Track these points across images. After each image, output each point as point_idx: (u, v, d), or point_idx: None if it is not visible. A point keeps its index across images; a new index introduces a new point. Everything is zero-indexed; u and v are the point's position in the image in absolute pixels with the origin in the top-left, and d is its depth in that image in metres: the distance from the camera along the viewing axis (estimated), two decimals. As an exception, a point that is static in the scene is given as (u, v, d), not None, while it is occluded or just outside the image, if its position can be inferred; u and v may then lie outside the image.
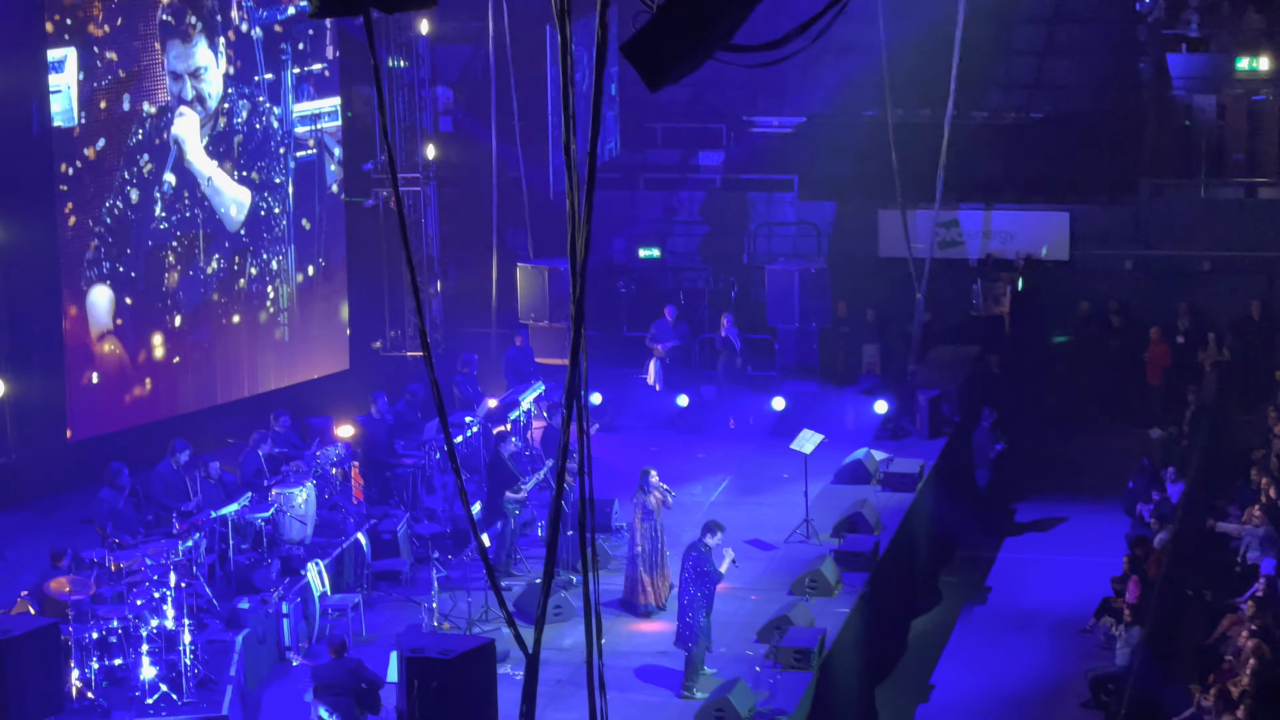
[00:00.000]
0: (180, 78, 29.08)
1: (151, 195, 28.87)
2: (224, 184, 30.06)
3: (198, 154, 29.56)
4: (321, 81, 31.55)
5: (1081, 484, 32.12)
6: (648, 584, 23.94)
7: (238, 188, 30.30)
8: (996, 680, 25.71)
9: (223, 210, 30.07)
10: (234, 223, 30.27)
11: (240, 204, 30.34)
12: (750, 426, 31.50)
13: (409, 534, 25.50)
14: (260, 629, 22.27)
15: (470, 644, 17.02)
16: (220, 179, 29.99)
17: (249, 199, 30.51)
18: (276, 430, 26.94)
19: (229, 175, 30.10)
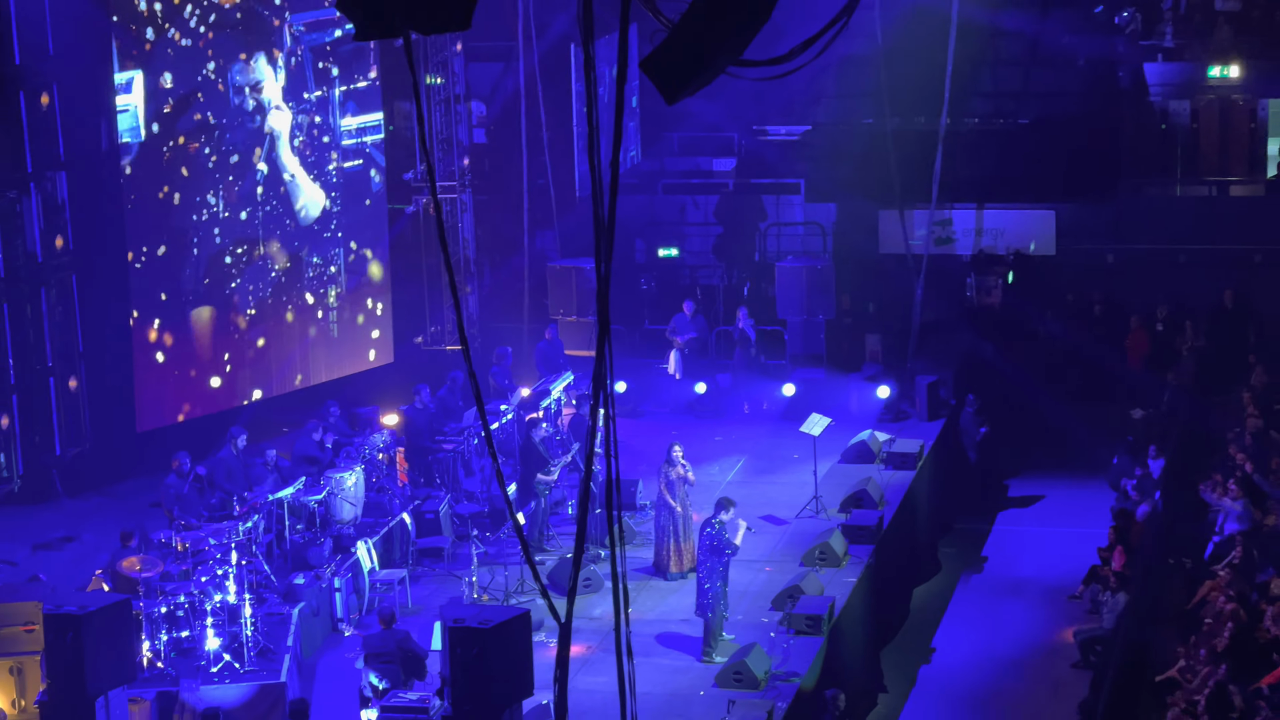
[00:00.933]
0: (241, 91, 29.10)
1: (214, 195, 28.88)
2: (305, 184, 30.14)
3: (287, 151, 29.66)
4: (365, 97, 31.54)
5: (1069, 461, 32.02)
6: (672, 552, 23.95)
7: (315, 189, 30.36)
8: (992, 643, 25.66)
9: (300, 208, 30.12)
10: (309, 219, 30.30)
11: (316, 204, 30.42)
12: (763, 411, 31.45)
13: (450, 514, 25.49)
14: (315, 602, 22.29)
15: (507, 614, 16.99)
16: (302, 178, 30.06)
17: (324, 200, 30.57)
18: (329, 419, 26.95)
19: (308, 176, 30.20)
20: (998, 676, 24.69)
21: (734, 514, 22.04)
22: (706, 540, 21.67)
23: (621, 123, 8.52)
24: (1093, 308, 34.85)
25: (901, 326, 33.29)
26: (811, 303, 32.80)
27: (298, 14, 29.95)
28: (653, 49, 8.29)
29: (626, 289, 34.42)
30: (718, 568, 21.57)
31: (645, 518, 26.07)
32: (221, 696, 19.90)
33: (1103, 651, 23.99)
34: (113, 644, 17.87)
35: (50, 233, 27.26)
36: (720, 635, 21.73)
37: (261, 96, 29.44)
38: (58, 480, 27.47)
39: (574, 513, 25.81)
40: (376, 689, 19.40)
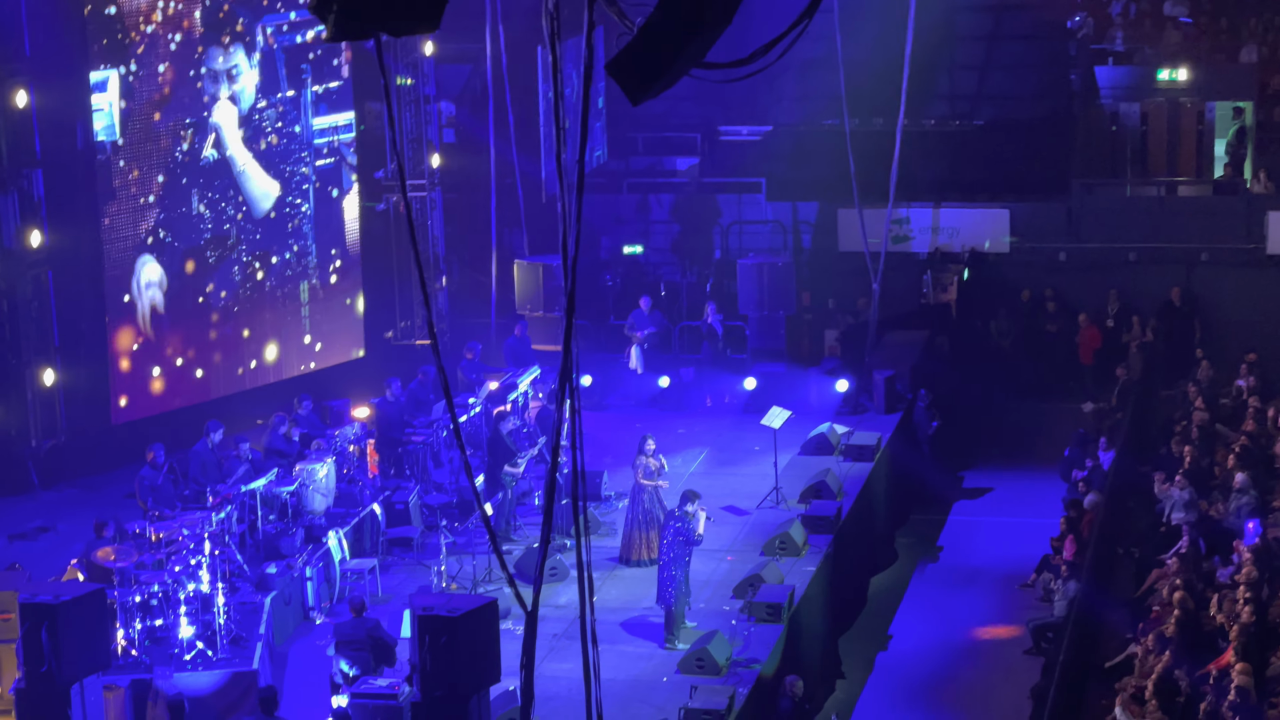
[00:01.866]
0: (217, 77, 29.03)
1: (189, 192, 28.80)
2: (256, 174, 30.01)
3: (235, 143, 29.51)
4: (337, 97, 31.45)
5: (1022, 453, 32.11)
6: (641, 540, 23.95)
7: (268, 180, 30.25)
8: (948, 630, 25.72)
9: (254, 199, 29.99)
10: (261, 212, 30.18)
11: (269, 195, 30.29)
12: (725, 404, 31.48)
13: (419, 504, 25.46)
14: (286, 591, 22.25)
15: (475, 603, 16.98)
16: (253, 169, 29.92)
17: (277, 191, 30.45)
18: (300, 412, 26.89)
19: (260, 168, 30.08)
20: (952, 663, 24.76)
21: (697, 505, 22.05)
22: (672, 531, 21.66)
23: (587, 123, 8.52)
24: (1045, 304, 34.96)
25: (859, 322, 33.37)
26: (772, 299, 32.85)
27: (270, 15, 29.83)
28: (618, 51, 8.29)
29: (592, 285, 34.42)
30: (682, 558, 21.57)
31: (610, 508, 26.07)
32: (195, 684, 19.85)
33: (1054, 638, 24.07)
34: (87, 632, 17.81)
35: (27, 229, 27.15)
36: (682, 623, 21.74)
37: (235, 86, 29.33)
38: (33, 472, 27.36)
39: (540, 503, 25.80)
40: (347, 676, 19.37)
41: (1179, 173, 36.50)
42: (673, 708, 19.56)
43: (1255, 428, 28.74)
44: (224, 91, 29.27)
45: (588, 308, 33.56)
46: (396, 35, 8.08)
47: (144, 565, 20.95)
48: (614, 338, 33.53)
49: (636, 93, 8.30)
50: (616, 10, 8.72)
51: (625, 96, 8.35)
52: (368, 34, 8.02)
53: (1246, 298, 33.90)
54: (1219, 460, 28.05)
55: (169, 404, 28.81)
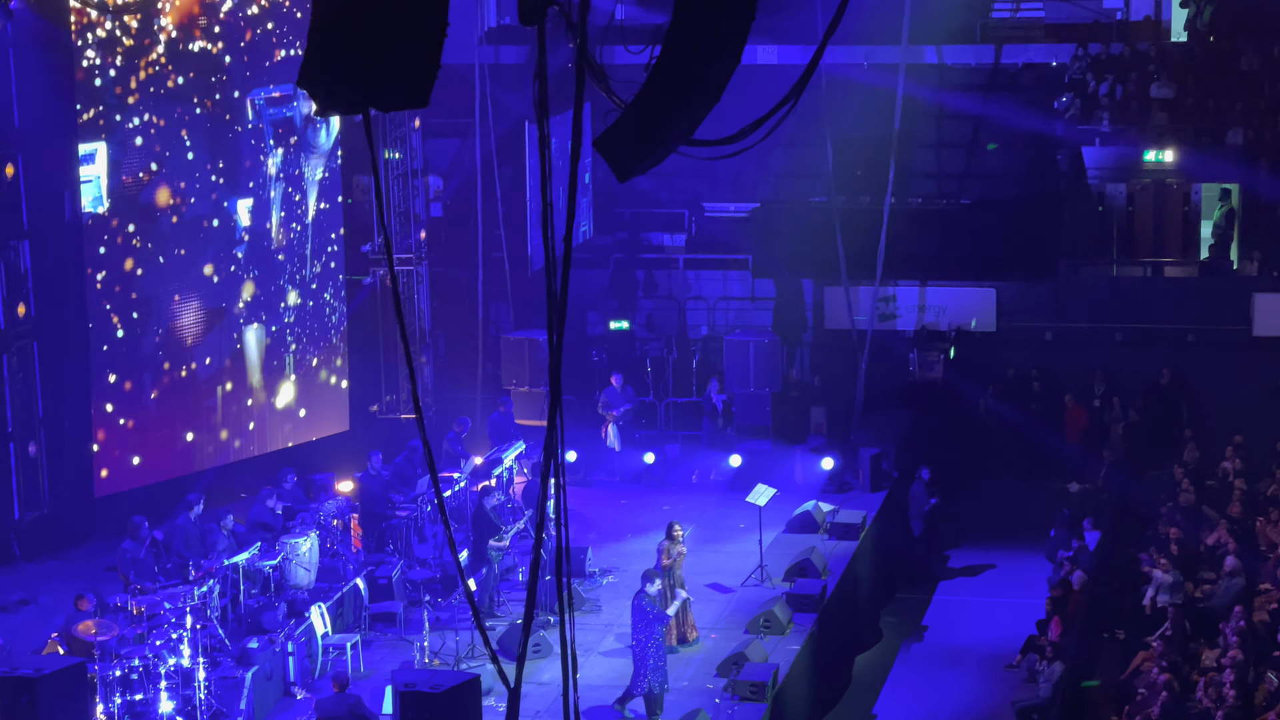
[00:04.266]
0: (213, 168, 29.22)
1: (178, 268, 28.85)
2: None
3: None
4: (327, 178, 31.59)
5: (1007, 533, 32.07)
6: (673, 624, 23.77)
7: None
8: (932, 711, 25.62)
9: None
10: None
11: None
12: (710, 481, 31.47)
13: (403, 579, 25.39)
14: (268, 666, 22.12)
15: (458, 679, 16.93)
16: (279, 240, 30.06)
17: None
18: (284, 486, 26.84)
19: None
20: (938, 744, 24.67)
21: (659, 585, 21.99)
22: (638, 613, 21.51)
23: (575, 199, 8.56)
24: (1032, 384, 35.01)
25: (845, 400, 33.40)
26: (758, 376, 32.91)
27: (257, 89, 29.97)
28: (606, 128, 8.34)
29: (579, 360, 34.45)
30: (651, 639, 21.40)
31: (594, 584, 26.02)
32: (174, 758, 19.73)
33: (1040, 719, 23.99)
34: (67, 707, 17.73)
35: (13, 300, 27.16)
36: (662, 705, 21.54)
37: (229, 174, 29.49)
38: (15, 544, 27.25)
39: (524, 579, 25.73)
40: (328, 752, 19.27)
41: (1165, 254, 36.63)
42: (656, 787, 19.47)
43: (1241, 510, 28.75)
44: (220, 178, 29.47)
45: (574, 383, 33.56)
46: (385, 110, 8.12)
47: (125, 639, 20.86)
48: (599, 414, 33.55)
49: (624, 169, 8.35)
50: (605, 87, 8.77)
51: (612, 173, 8.41)
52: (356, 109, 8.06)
53: (1233, 379, 33.95)
54: (1205, 542, 28.04)
55: (152, 476, 28.73)
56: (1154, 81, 36.12)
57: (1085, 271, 36.13)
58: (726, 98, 8.60)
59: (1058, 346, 35.15)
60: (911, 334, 35.59)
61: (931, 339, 35.39)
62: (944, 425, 33.93)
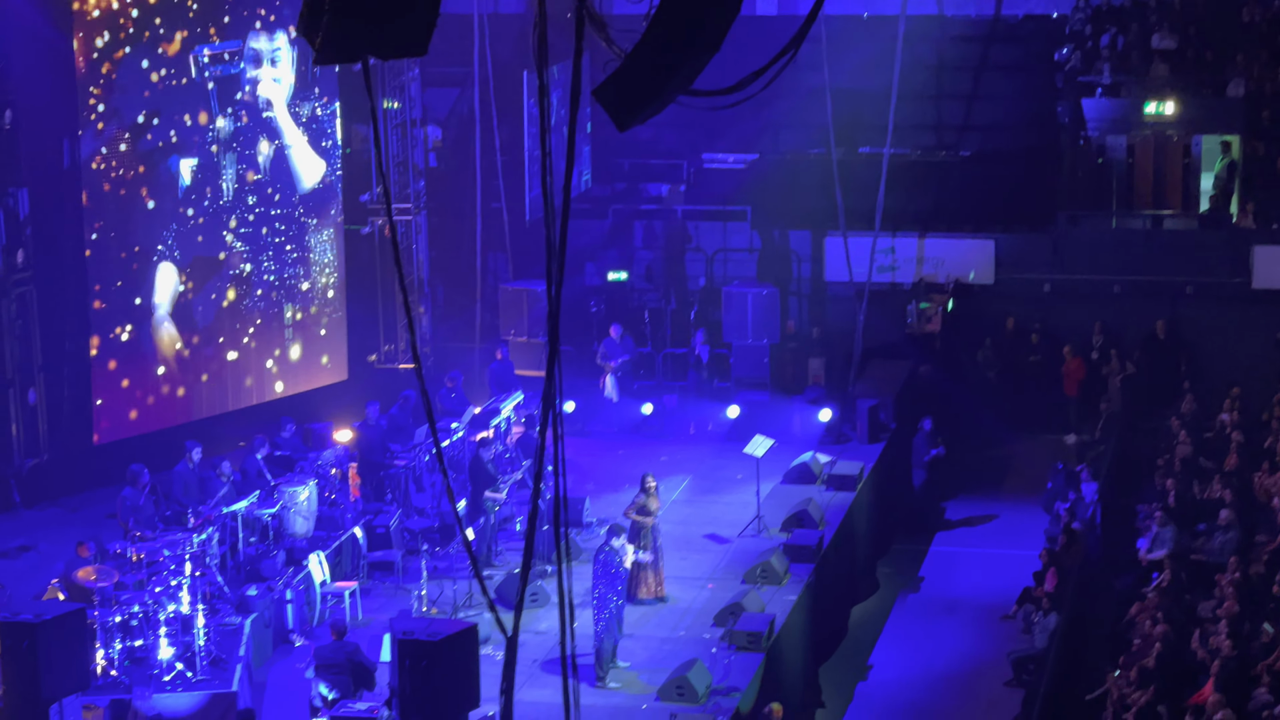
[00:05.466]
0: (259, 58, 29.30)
1: (177, 214, 28.82)
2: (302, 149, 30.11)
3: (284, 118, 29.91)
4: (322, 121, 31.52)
5: (1005, 485, 32.17)
6: (650, 579, 23.82)
7: (314, 157, 30.35)
8: (928, 661, 25.73)
9: (298, 175, 30.10)
10: (305, 188, 30.29)
11: (315, 172, 30.41)
12: (708, 432, 31.50)
13: (401, 528, 25.45)
14: (267, 614, 22.22)
15: (455, 627, 16.99)
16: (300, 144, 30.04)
17: (323, 168, 30.53)
18: (282, 435, 26.87)
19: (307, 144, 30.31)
20: (933, 693, 24.76)
21: (624, 539, 22.01)
22: (600, 566, 21.52)
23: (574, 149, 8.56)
24: (1030, 336, 35.02)
25: (844, 351, 33.40)
26: (756, 327, 32.92)
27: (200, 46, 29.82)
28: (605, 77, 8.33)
29: (576, 311, 34.43)
30: (610, 594, 21.41)
31: (591, 534, 26.06)
32: (174, 705, 19.81)
33: (1035, 670, 24.09)
34: (67, 652, 17.80)
35: (11, 248, 27.15)
36: (613, 661, 21.56)
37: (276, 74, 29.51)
38: (15, 491, 27.32)
39: (522, 529, 25.80)
40: (326, 699, 19.35)
41: (1165, 206, 36.58)
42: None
43: (1238, 462, 28.80)
44: (266, 72, 29.51)
45: (572, 334, 33.54)
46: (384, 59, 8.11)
47: (124, 586, 20.93)
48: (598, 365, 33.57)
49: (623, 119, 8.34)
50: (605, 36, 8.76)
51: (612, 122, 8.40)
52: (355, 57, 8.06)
53: (1231, 332, 33.96)
54: (1201, 494, 28.10)
55: (151, 424, 28.78)
56: (1155, 33, 36.02)
57: (1084, 223, 36.09)
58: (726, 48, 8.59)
59: (1056, 298, 35.14)
60: (910, 286, 35.57)
61: (930, 291, 35.37)
62: (942, 377, 33.95)
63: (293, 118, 30.63)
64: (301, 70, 30.68)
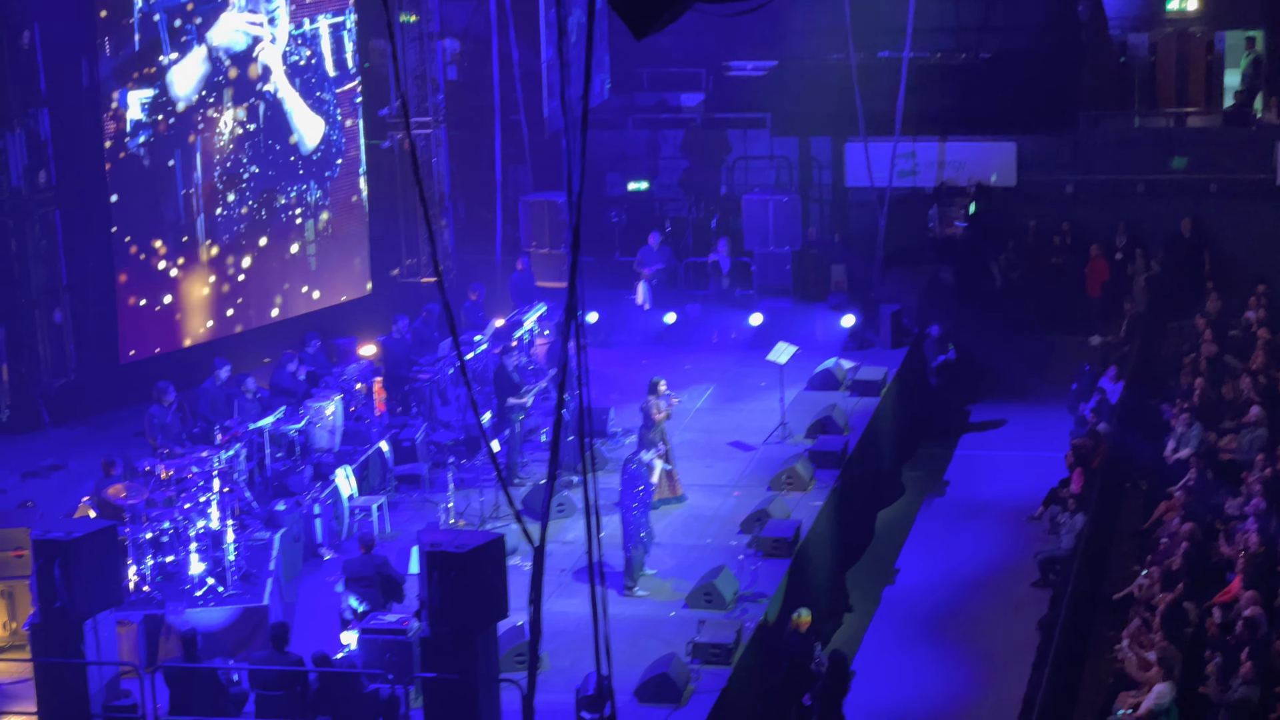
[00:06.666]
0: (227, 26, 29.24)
1: (199, 132, 28.80)
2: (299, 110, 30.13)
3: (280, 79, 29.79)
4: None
5: (1029, 387, 32.15)
6: (673, 477, 23.95)
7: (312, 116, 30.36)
8: (954, 564, 25.82)
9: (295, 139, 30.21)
10: (306, 149, 30.40)
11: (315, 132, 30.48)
12: (731, 340, 31.51)
13: (427, 441, 25.54)
14: (295, 528, 22.35)
15: (482, 539, 17.04)
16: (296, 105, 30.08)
17: (323, 127, 30.58)
18: (307, 350, 26.94)
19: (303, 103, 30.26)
20: (959, 596, 24.86)
21: (653, 454, 22.08)
22: (628, 477, 21.59)
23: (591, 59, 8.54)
24: (1053, 238, 34.92)
25: (865, 257, 33.33)
26: (778, 234, 32.85)
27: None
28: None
29: (597, 222, 34.42)
30: (638, 504, 21.50)
31: (617, 444, 26.14)
32: (206, 619, 19.97)
33: (1061, 570, 24.18)
34: (100, 569, 17.93)
35: (34, 168, 27.17)
36: (641, 569, 21.69)
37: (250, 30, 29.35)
38: (44, 410, 27.47)
39: (547, 440, 25.87)
40: (356, 612, 19.47)
41: (1188, 104, 36.38)
42: (680, 642, 19.67)
43: (1265, 360, 28.76)
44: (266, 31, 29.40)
45: (593, 244, 33.56)
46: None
47: (154, 503, 21.05)
48: (620, 274, 33.54)
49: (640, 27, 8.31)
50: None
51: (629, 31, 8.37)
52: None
53: (1256, 229, 33.83)
54: (1227, 392, 28.08)
55: (177, 342, 28.87)
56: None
57: (1106, 123, 35.92)
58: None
59: (1079, 199, 35.03)
60: (931, 190, 35.47)
61: (951, 194, 35.27)
62: (965, 280, 33.89)
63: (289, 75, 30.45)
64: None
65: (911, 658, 23.18)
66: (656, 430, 23.33)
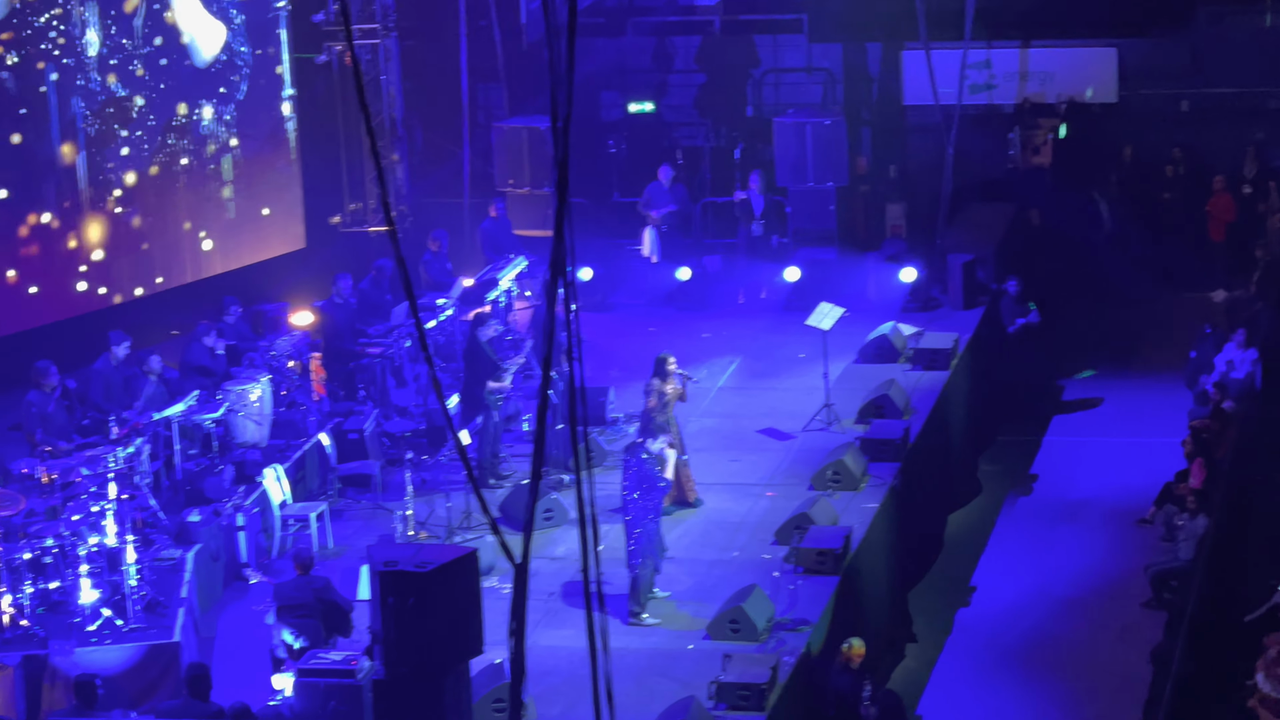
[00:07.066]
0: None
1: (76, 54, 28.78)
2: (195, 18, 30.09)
3: None
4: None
5: (1137, 356, 32.19)
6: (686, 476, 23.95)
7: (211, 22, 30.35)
8: (1045, 580, 25.83)
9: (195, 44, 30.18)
10: (204, 62, 30.32)
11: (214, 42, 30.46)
12: (761, 301, 31.53)
13: (378, 433, 25.56)
14: (213, 544, 22.35)
15: (450, 555, 17.06)
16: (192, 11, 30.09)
17: (224, 35, 30.55)
18: (226, 320, 26.93)
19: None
20: (1051, 620, 24.88)
21: (664, 442, 22.00)
22: (634, 473, 21.47)
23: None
24: (1164, 168, 34.91)
25: (930, 194, 33.32)
26: (818, 167, 32.81)
27: None
28: None
29: (591, 153, 34.40)
30: (648, 506, 21.41)
31: (617, 434, 26.14)
32: (101, 660, 19.96)
33: (1179, 587, 24.18)
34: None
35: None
36: (651, 591, 21.64)
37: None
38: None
39: (531, 429, 25.88)
40: (292, 649, 19.48)
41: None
42: (701, 682, 19.66)
43: None
44: None
45: (587, 182, 33.54)
46: None
47: (34, 514, 21.03)
48: (621, 219, 33.55)
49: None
50: None
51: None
52: None
53: None
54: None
55: (60, 312, 28.83)
56: None
57: (1231, 22, 35.86)
58: None
59: (1197, 119, 35.00)
60: (1011, 109, 35.46)
61: (1036, 114, 35.26)
62: (1054, 223, 33.88)
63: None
64: None
65: (990, 699, 23.22)
66: (665, 416, 23.28)
